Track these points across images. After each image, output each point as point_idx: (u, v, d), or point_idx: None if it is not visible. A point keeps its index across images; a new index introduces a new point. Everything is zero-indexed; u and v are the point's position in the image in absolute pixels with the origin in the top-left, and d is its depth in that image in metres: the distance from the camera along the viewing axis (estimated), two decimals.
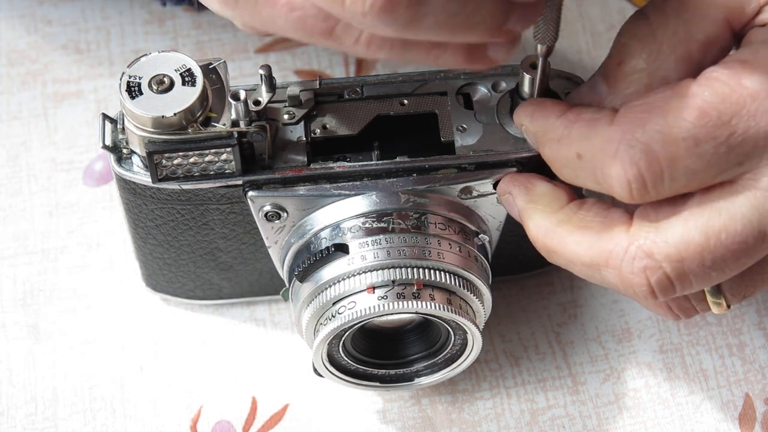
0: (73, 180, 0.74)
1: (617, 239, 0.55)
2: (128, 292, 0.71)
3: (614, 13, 0.78)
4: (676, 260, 0.53)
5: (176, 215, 0.63)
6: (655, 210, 0.55)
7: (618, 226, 0.55)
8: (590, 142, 0.54)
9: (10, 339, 0.70)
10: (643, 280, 0.54)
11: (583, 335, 0.70)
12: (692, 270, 0.54)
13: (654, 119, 0.52)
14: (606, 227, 0.56)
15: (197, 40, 0.78)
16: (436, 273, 0.60)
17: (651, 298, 0.55)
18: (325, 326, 0.60)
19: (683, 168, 0.52)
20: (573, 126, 0.55)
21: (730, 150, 0.52)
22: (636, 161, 0.52)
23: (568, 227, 0.57)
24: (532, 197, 0.58)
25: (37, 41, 0.78)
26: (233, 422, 0.68)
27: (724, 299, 0.57)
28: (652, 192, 0.53)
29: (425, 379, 0.65)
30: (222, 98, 0.59)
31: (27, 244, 0.72)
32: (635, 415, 0.68)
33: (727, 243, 0.53)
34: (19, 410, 0.68)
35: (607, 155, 0.53)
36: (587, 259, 0.56)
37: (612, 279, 0.55)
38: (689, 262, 0.53)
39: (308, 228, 0.61)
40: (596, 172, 0.54)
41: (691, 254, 0.53)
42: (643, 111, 0.53)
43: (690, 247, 0.53)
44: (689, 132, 0.52)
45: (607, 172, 0.53)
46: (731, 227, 0.53)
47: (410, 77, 0.62)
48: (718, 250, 0.53)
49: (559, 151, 0.56)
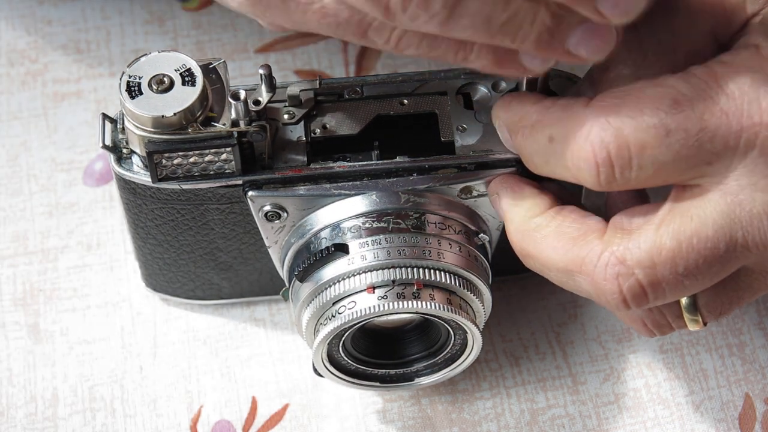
0: (73, 180, 0.74)
1: (591, 246, 0.55)
2: (128, 292, 0.71)
3: None
4: (648, 266, 0.53)
5: (176, 215, 0.63)
6: (629, 218, 0.55)
7: (593, 234, 0.55)
8: (563, 124, 0.54)
9: (10, 339, 0.70)
10: (615, 287, 0.54)
11: (583, 335, 0.70)
12: (664, 277, 0.53)
13: (628, 105, 0.52)
14: (581, 234, 0.56)
15: (197, 40, 0.78)
16: (436, 273, 0.60)
17: (623, 306, 0.55)
18: (325, 326, 0.60)
19: (651, 157, 0.52)
20: (547, 111, 0.55)
21: (701, 146, 0.52)
22: (606, 144, 0.52)
23: (545, 232, 0.57)
24: (516, 200, 0.59)
25: (37, 41, 0.78)
26: (233, 422, 0.68)
27: (700, 315, 0.57)
28: (619, 179, 0.53)
29: (425, 379, 0.65)
30: (222, 98, 0.59)
31: (27, 244, 0.72)
32: (635, 415, 0.68)
33: (699, 248, 0.53)
34: (19, 410, 0.68)
35: (579, 136, 0.53)
36: (561, 265, 0.56)
37: (586, 286, 0.55)
38: (661, 269, 0.53)
39: (308, 228, 0.61)
40: (566, 155, 0.54)
41: (663, 260, 0.53)
42: (619, 97, 0.53)
43: (662, 252, 0.53)
44: (661, 120, 0.52)
45: (577, 155, 0.53)
46: (702, 232, 0.53)
47: (410, 77, 0.62)
48: (690, 256, 0.53)
49: (531, 135, 0.56)
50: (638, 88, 0.53)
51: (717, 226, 0.52)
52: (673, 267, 0.53)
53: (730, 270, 0.54)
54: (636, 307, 0.55)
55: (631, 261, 0.54)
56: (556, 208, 0.58)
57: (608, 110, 0.53)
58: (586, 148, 0.53)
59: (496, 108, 0.58)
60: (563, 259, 0.56)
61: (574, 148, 0.53)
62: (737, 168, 0.52)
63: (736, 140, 0.51)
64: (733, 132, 0.51)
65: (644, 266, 0.53)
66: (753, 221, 0.52)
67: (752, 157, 0.51)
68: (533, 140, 0.56)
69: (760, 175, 0.52)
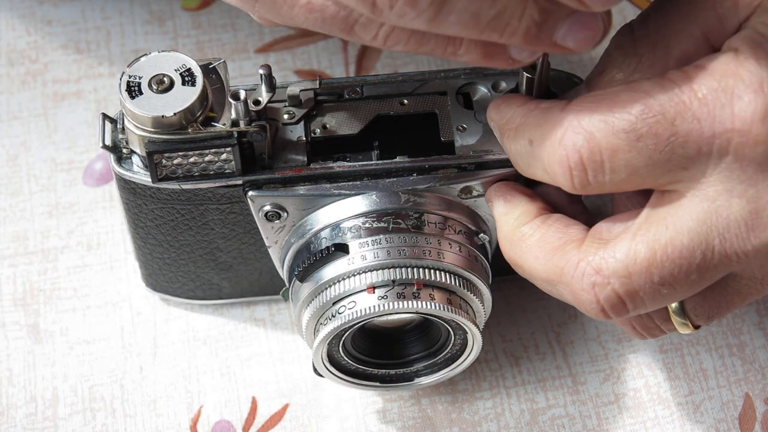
0: (73, 180, 0.74)
1: (569, 256, 0.55)
2: (128, 292, 0.71)
3: (614, 13, 0.78)
4: (624, 276, 0.53)
5: (176, 215, 0.62)
6: (609, 226, 0.55)
7: (572, 243, 0.55)
8: (541, 128, 0.54)
9: (10, 339, 0.70)
10: (593, 296, 0.54)
11: (583, 335, 0.70)
12: (641, 286, 0.53)
13: (601, 109, 0.52)
14: (561, 244, 0.56)
15: (197, 40, 0.78)
16: (436, 273, 0.60)
17: (603, 315, 0.54)
18: (325, 326, 0.60)
19: (624, 161, 0.52)
20: (530, 114, 0.55)
21: (673, 151, 0.51)
22: (578, 148, 0.52)
23: (530, 242, 0.57)
24: (507, 208, 0.59)
25: (37, 41, 0.78)
26: (233, 422, 0.68)
27: (689, 320, 0.57)
28: (593, 182, 0.53)
29: (425, 379, 0.65)
30: (222, 98, 0.59)
31: (27, 244, 0.72)
32: (635, 415, 0.68)
33: (674, 257, 0.52)
34: (19, 410, 0.68)
35: (554, 140, 0.53)
36: (543, 275, 0.56)
37: (566, 295, 0.55)
38: (637, 278, 0.53)
39: (308, 228, 0.61)
40: (544, 159, 0.54)
41: (638, 270, 0.53)
42: (594, 101, 0.53)
43: (637, 261, 0.53)
44: (632, 125, 0.51)
45: (552, 158, 0.53)
46: (677, 240, 0.52)
47: (410, 77, 0.62)
48: (665, 265, 0.52)
49: (515, 138, 0.56)
50: (614, 92, 0.53)
51: (693, 233, 0.52)
52: (649, 276, 0.53)
53: (712, 277, 0.53)
54: (617, 316, 0.54)
55: (607, 270, 0.53)
56: (543, 217, 0.58)
57: (582, 114, 0.53)
58: (559, 151, 0.53)
59: (489, 109, 0.59)
60: (544, 269, 0.56)
61: (549, 152, 0.53)
62: (713, 174, 0.51)
63: (709, 146, 0.51)
64: (706, 137, 0.51)
65: (620, 276, 0.53)
66: (730, 228, 0.52)
67: (727, 163, 0.51)
68: (516, 143, 0.56)
69: (736, 181, 0.51)
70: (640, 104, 0.52)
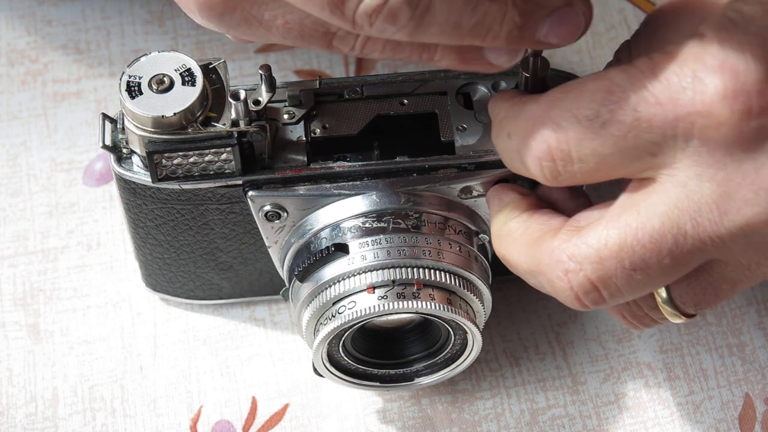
0: (73, 180, 0.74)
1: (546, 245, 0.55)
2: (128, 292, 0.71)
3: (614, 13, 0.78)
4: (596, 261, 0.53)
5: (176, 215, 0.63)
6: (586, 215, 0.55)
7: (550, 233, 0.55)
8: (516, 121, 0.54)
9: (10, 339, 0.70)
10: (566, 283, 0.54)
11: (583, 335, 0.70)
12: (613, 272, 0.53)
13: (569, 98, 0.52)
14: (541, 234, 0.55)
15: (197, 40, 0.78)
16: (436, 273, 0.60)
17: (578, 304, 0.54)
18: (325, 326, 0.60)
19: (590, 149, 0.52)
20: (511, 108, 0.56)
21: (638, 136, 0.51)
22: (546, 139, 0.52)
23: (515, 236, 0.57)
24: (500, 206, 0.59)
25: (37, 41, 0.78)
26: (233, 422, 0.68)
27: (677, 309, 0.57)
28: (563, 172, 0.53)
29: (425, 379, 0.65)
30: (222, 98, 0.59)
31: (27, 244, 0.72)
32: (635, 415, 0.68)
33: (644, 241, 0.52)
34: (19, 410, 0.68)
35: (526, 133, 0.53)
36: (525, 267, 0.56)
37: (546, 286, 0.55)
38: (608, 263, 0.52)
39: (308, 228, 0.61)
40: (519, 151, 0.54)
41: (608, 254, 0.52)
42: (563, 91, 0.53)
43: (608, 246, 0.52)
44: (595, 112, 0.51)
45: (524, 150, 0.53)
46: (648, 225, 0.52)
47: (410, 77, 0.62)
48: (635, 249, 0.52)
49: (498, 133, 0.56)
50: (582, 81, 0.53)
51: (664, 218, 0.51)
52: (620, 261, 0.52)
53: (688, 263, 0.53)
54: (592, 305, 0.54)
55: (580, 257, 0.53)
56: (530, 212, 0.57)
57: (551, 105, 0.53)
58: (529, 143, 0.53)
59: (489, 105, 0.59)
60: (526, 261, 0.56)
61: (521, 144, 0.54)
62: (682, 159, 0.51)
63: (674, 129, 0.50)
64: (669, 121, 0.50)
65: (591, 261, 0.53)
66: (702, 212, 0.51)
67: (694, 147, 0.50)
68: (499, 137, 0.56)
69: (704, 165, 0.51)
70: (603, 91, 0.51)
